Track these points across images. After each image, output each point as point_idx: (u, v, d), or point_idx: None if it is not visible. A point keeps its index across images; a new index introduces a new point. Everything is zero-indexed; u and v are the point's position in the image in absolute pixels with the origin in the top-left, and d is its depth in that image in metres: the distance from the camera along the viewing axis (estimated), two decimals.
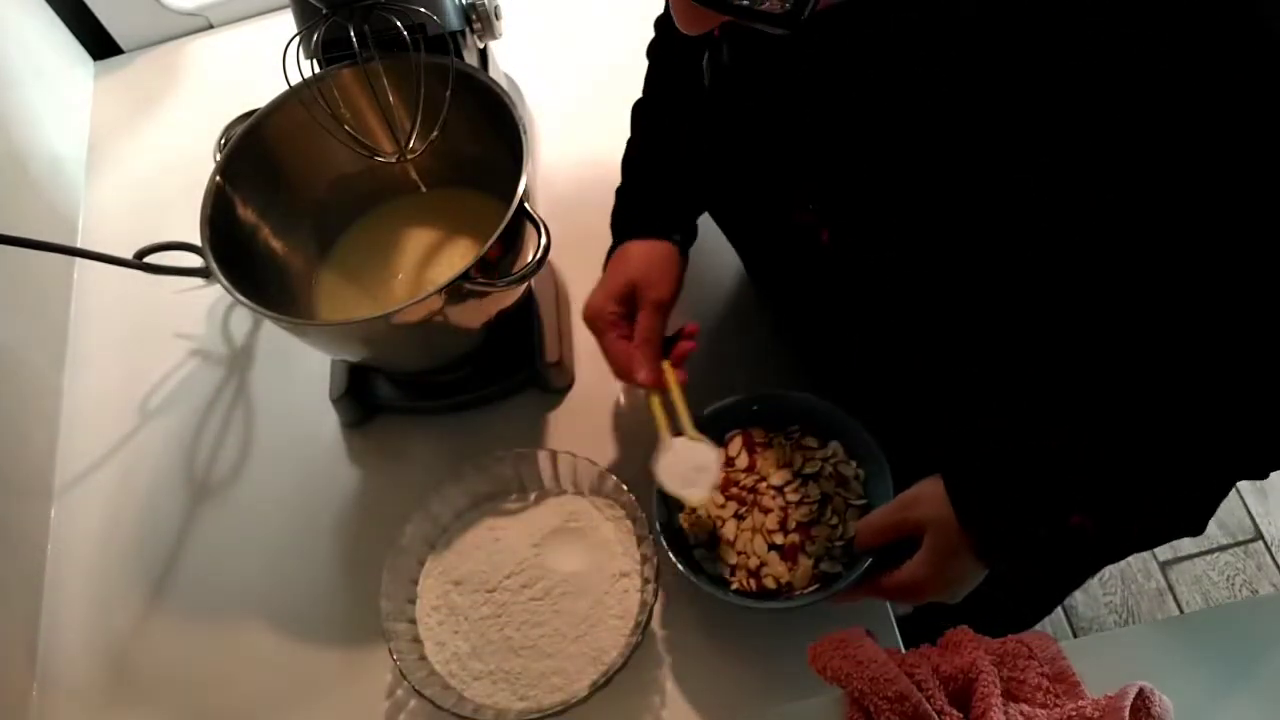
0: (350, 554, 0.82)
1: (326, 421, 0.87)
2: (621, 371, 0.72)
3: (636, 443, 0.81)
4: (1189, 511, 0.58)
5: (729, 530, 0.70)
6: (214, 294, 0.97)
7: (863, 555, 0.67)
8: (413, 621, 0.72)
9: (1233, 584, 1.55)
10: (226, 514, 0.85)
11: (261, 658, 0.77)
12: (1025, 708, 0.59)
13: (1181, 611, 1.52)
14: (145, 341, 0.96)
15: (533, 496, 0.76)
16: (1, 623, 0.77)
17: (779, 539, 0.69)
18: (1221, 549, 1.58)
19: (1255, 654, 0.63)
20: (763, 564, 0.69)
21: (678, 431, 0.71)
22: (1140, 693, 0.56)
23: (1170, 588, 1.56)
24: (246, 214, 0.78)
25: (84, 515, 0.87)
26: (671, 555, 0.68)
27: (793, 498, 0.70)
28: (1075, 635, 1.53)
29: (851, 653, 0.60)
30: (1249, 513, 1.61)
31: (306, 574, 0.81)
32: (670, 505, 0.72)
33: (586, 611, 0.70)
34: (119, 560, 0.84)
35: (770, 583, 0.68)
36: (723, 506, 0.71)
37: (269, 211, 0.80)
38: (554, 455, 0.74)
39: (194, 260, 0.91)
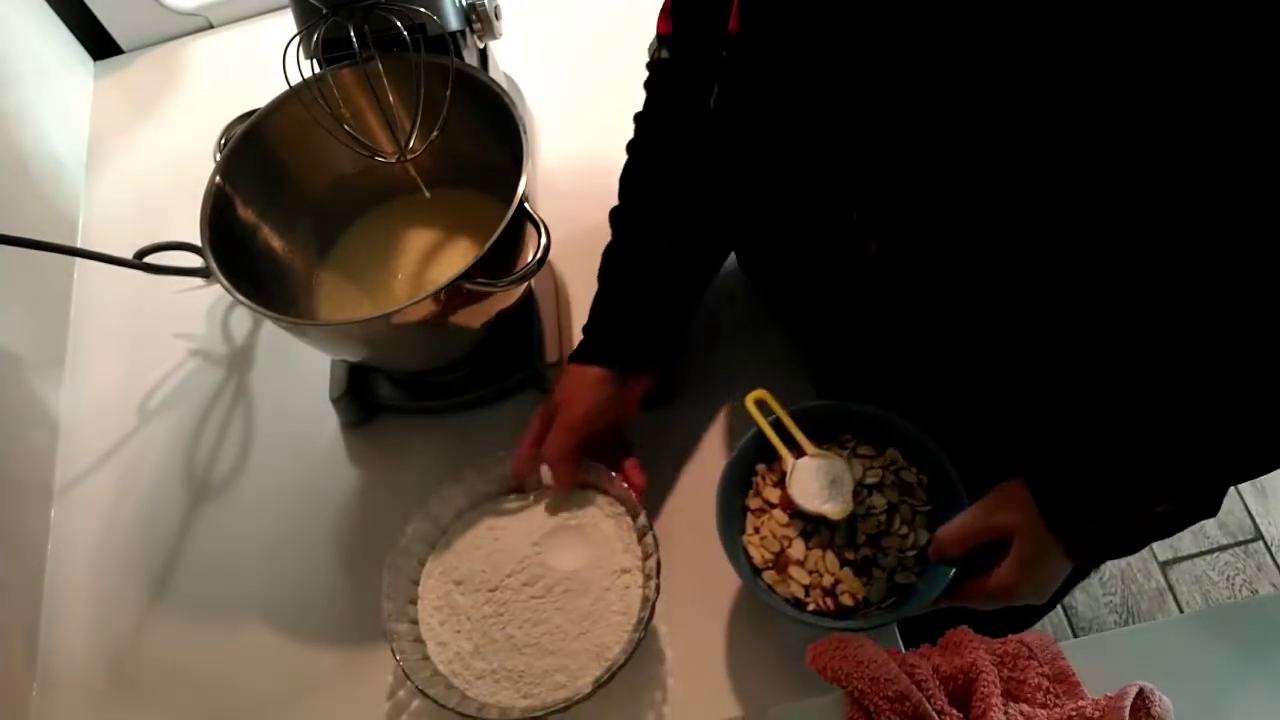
0: (350, 554, 0.82)
1: (326, 421, 0.87)
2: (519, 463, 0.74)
3: (635, 442, 0.81)
4: (1208, 495, 0.58)
5: (797, 550, 0.68)
6: (214, 294, 0.97)
7: (938, 564, 0.66)
8: (414, 622, 0.71)
9: (1233, 584, 1.55)
10: (226, 514, 0.85)
11: (262, 658, 0.78)
12: (1025, 708, 0.59)
13: (1181, 611, 1.53)
14: (145, 341, 0.96)
15: (532, 496, 0.76)
16: (1, 623, 0.77)
17: (850, 554, 0.68)
18: (1221, 549, 1.58)
19: (1255, 654, 0.63)
20: (837, 581, 0.67)
21: (799, 453, 0.70)
22: (1140, 693, 0.56)
23: (1170, 588, 1.56)
24: (246, 214, 0.78)
25: (84, 515, 0.87)
26: (755, 584, 0.67)
27: (859, 510, 0.69)
28: (1075, 635, 1.53)
29: (851, 653, 0.60)
30: (1249, 513, 1.61)
31: (306, 574, 0.81)
32: (735, 529, 0.70)
33: (588, 609, 0.70)
34: (119, 560, 0.84)
35: (847, 600, 0.67)
36: (788, 525, 0.69)
37: (269, 211, 0.80)
38: None
39: (194, 260, 0.91)
